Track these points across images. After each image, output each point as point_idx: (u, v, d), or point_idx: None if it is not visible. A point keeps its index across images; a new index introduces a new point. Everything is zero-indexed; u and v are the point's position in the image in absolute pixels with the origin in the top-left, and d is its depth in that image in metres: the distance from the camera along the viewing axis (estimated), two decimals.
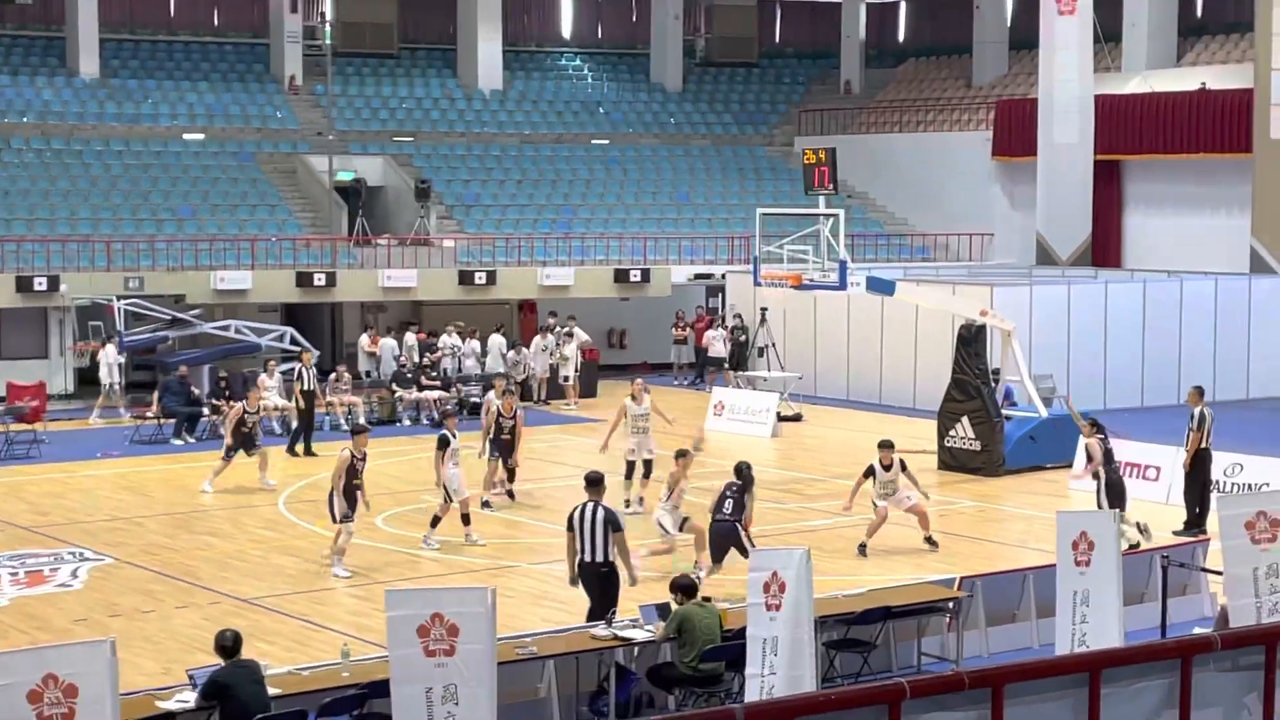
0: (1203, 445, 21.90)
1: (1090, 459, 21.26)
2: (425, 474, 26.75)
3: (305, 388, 29.03)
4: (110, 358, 33.17)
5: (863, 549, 20.69)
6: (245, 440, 25.82)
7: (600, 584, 15.56)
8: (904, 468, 20.99)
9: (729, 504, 18.37)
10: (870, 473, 20.92)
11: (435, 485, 21.53)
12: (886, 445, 21.12)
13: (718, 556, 18.38)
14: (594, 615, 15.34)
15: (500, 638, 12.03)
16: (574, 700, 14.36)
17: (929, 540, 20.92)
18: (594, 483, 16.11)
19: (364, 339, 36.89)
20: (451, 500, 21.03)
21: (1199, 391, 22.29)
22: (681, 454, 19.56)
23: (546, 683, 14.28)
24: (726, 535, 18.30)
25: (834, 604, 15.47)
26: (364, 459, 19.78)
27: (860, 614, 15.24)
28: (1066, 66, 40.82)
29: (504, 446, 23.91)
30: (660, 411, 24.12)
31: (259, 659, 12.99)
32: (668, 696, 14.52)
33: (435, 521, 21.12)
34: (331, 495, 19.79)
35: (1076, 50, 40.71)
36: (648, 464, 23.29)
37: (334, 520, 19.81)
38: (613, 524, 15.62)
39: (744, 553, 17.51)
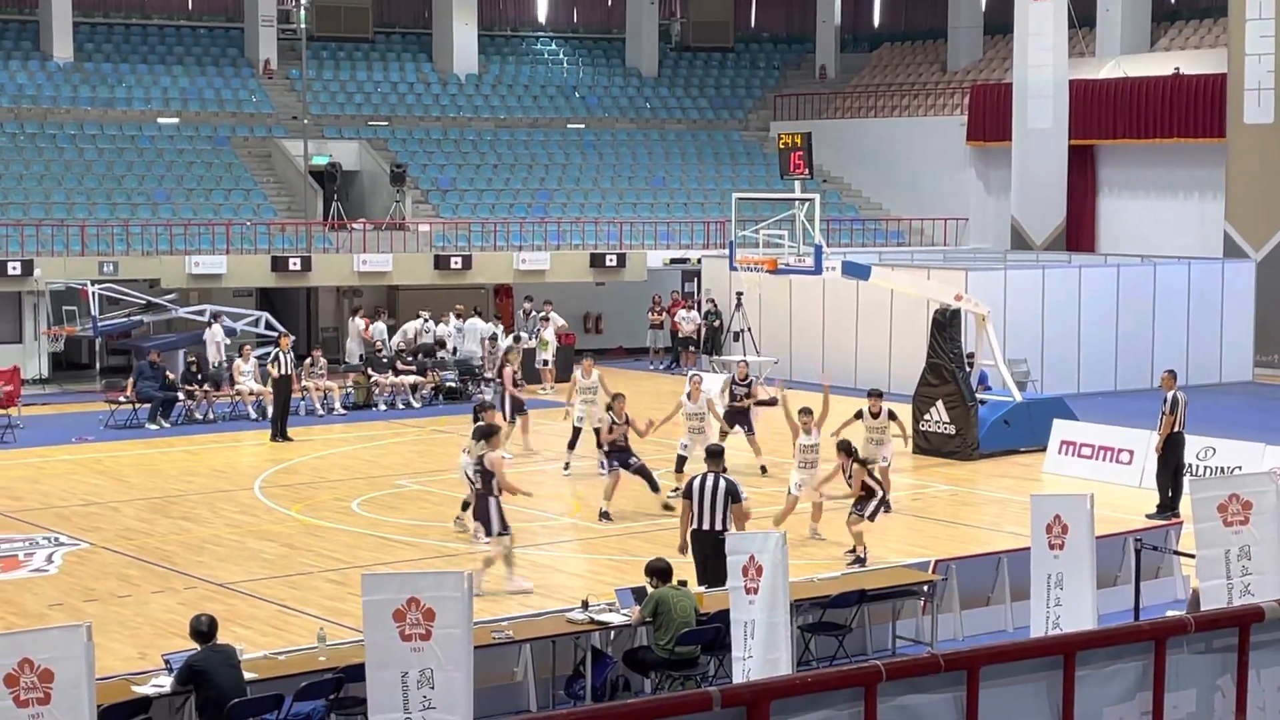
0: (1175, 429, 21.97)
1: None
2: (401, 459, 26.76)
3: (281, 372, 28.95)
4: (218, 336, 33.33)
5: (889, 504, 20.91)
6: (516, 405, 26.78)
7: (713, 551, 15.59)
8: (893, 417, 22.33)
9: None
10: (859, 415, 22.19)
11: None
12: (875, 394, 22.60)
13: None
14: (702, 582, 15.57)
15: (477, 622, 12.03)
16: (550, 684, 14.37)
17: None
18: (715, 455, 16.54)
19: (359, 323, 36.31)
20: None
21: (1172, 375, 22.36)
22: (804, 411, 20.50)
23: (523, 666, 14.29)
24: None
25: (810, 587, 15.49)
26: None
27: (835, 597, 15.26)
28: (1041, 51, 40.88)
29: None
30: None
31: (235, 644, 12.97)
32: (644, 680, 14.54)
33: (465, 506, 20.19)
34: (493, 503, 17.62)
35: (1051, 35, 40.77)
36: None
37: (491, 534, 17.66)
38: (733, 495, 16.02)
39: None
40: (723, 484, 16.08)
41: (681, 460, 23.72)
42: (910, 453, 26.78)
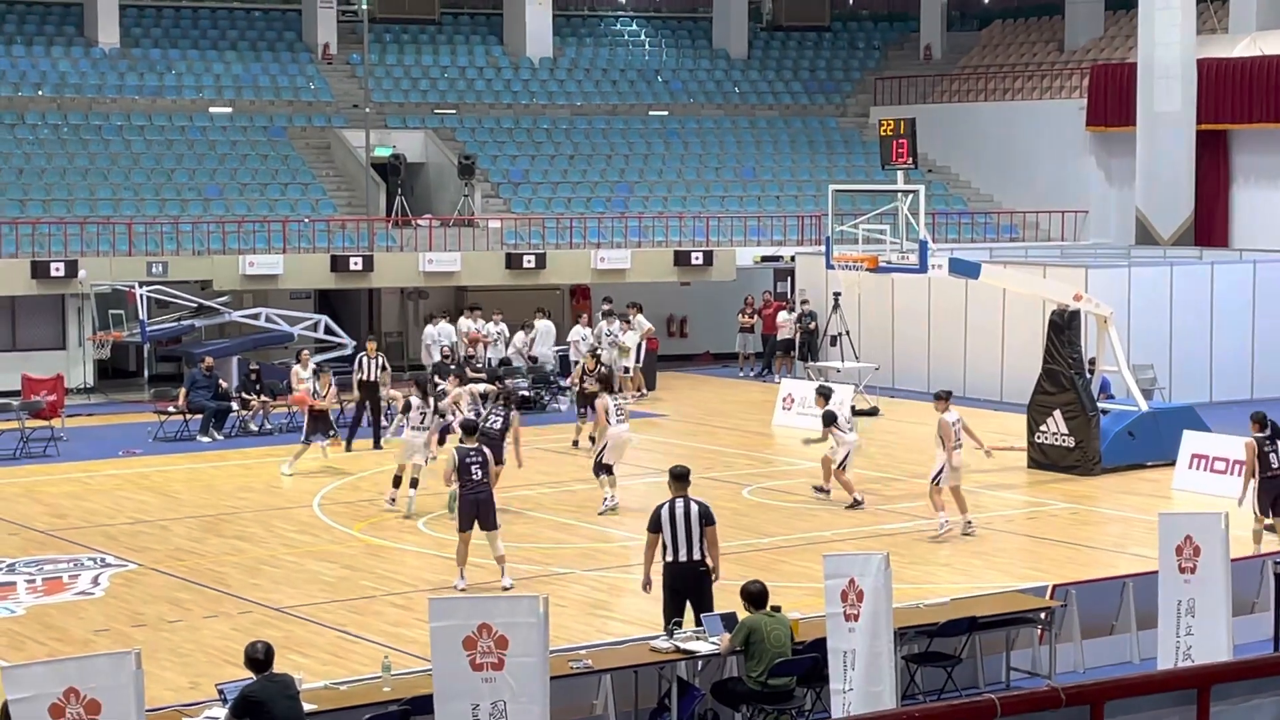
0: None
1: None
2: None
3: (367, 378, 29.21)
4: (432, 338, 34.64)
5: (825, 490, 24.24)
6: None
7: (695, 584, 15.46)
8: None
9: (1274, 458, 19.80)
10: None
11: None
12: (821, 392, 24.93)
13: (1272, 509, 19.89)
14: (670, 619, 15.28)
15: (553, 650, 12.06)
16: (633, 717, 14.39)
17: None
18: (680, 477, 16.07)
19: (466, 323, 36.41)
20: None
21: None
22: (942, 395, 22.18)
23: (603, 699, 14.31)
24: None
25: (915, 614, 15.43)
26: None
27: (943, 625, 15.19)
28: (1168, 28, 40.48)
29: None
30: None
31: (293, 672, 13.05)
32: (734, 714, 14.52)
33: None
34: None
35: (1179, 9, 40.37)
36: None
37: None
38: (706, 518, 15.58)
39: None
40: (695, 508, 15.57)
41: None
42: (1025, 467, 26.69)
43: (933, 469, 21.98)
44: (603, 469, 23.72)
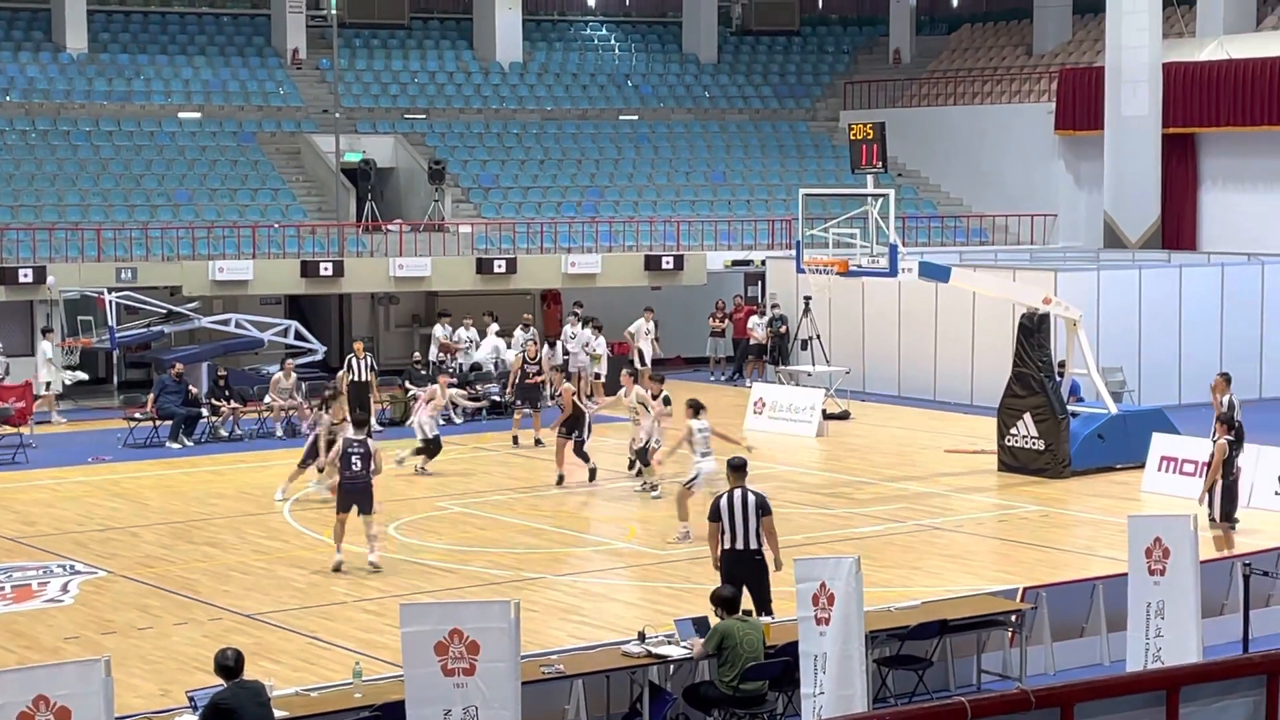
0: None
1: None
2: (441, 479, 26.82)
3: (358, 379, 29.10)
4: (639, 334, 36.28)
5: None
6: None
7: (752, 573, 15.85)
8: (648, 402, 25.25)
9: (1237, 464, 20.17)
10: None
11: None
12: (629, 373, 26.34)
13: None
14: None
15: (524, 655, 12.05)
16: None
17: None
18: (737, 468, 16.49)
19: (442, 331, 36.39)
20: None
21: (1225, 379, 22.48)
22: (692, 405, 22.44)
23: (574, 704, 14.31)
24: None
25: (886, 617, 15.45)
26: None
27: (914, 628, 15.22)
28: (1135, 32, 40.63)
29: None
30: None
31: (263, 679, 13.02)
32: (706, 718, 14.53)
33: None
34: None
35: (1146, 14, 40.52)
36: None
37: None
38: (763, 508, 16.04)
39: None
40: (752, 498, 16.05)
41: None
42: (995, 470, 26.74)
43: (687, 475, 22.15)
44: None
